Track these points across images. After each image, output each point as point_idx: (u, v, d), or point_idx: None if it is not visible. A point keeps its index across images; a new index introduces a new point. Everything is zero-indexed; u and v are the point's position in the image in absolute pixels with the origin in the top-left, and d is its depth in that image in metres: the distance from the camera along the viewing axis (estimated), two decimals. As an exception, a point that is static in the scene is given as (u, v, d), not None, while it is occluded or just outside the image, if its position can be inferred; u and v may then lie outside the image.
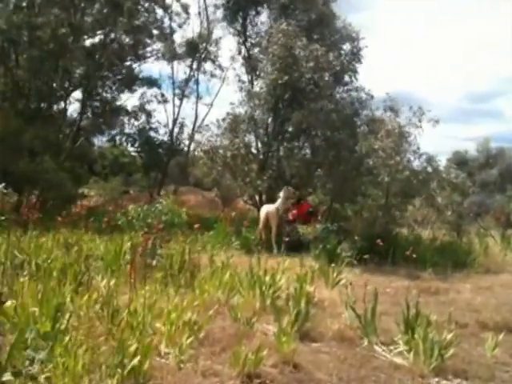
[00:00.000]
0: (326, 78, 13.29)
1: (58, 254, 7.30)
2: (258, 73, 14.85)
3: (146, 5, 20.27)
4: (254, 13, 16.12)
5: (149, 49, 20.90)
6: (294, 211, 13.57)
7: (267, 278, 6.39)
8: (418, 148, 13.30)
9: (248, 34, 16.32)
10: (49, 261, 6.74)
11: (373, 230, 12.54)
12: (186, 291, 6.49)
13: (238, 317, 5.51)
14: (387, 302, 7.90)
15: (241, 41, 16.43)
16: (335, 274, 8.16)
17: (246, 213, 17.45)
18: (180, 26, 20.46)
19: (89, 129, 19.44)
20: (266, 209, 12.80)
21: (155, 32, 20.34)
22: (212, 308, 5.86)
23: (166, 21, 20.49)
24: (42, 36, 15.74)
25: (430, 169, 13.93)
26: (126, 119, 18.36)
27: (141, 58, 20.67)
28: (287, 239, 11.37)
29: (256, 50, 15.85)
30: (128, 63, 19.71)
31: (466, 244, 13.89)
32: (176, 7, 20.68)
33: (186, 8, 20.39)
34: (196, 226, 9.16)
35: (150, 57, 21.00)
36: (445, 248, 12.51)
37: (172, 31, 20.53)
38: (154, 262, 7.21)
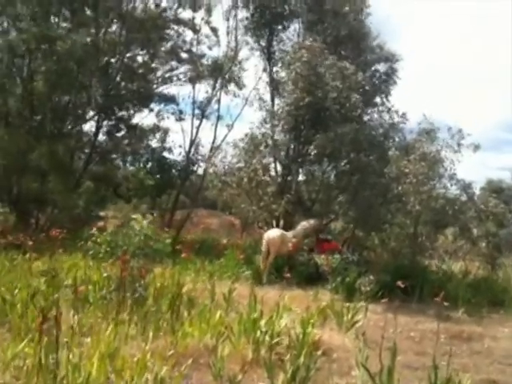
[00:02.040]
0: (354, 99, 12.30)
1: (32, 283, 6.44)
2: (280, 92, 13.89)
3: (176, 27, 19.89)
4: (280, 27, 15.18)
5: (175, 72, 20.39)
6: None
7: (263, 322, 5.32)
8: (455, 174, 12.14)
9: (273, 50, 15.39)
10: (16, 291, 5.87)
11: (398, 262, 11.37)
12: (167, 334, 5.49)
13: (220, 373, 4.47)
14: (411, 349, 6.75)
15: (265, 57, 15.56)
16: (350, 315, 7.00)
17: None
18: (210, 49, 19.90)
19: (108, 149, 18.84)
20: (268, 235, 11.74)
21: (184, 56, 19.93)
22: (194, 357, 4.87)
23: (194, 43, 20.05)
24: (60, 50, 15.28)
25: (464, 197, 12.77)
26: (137, 138, 17.61)
27: (167, 81, 20.20)
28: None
29: (280, 67, 14.91)
30: (145, 83, 19.06)
31: (502, 280, 12.50)
32: (206, 30, 20.14)
33: (215, 31, 19.85)
34: (184, 254, 8.12)
35: (177, 80, 20.47)
36: (479, 284, 11.18)
37: (201, 55, 19.96)
38: (136, 295, 6.22)
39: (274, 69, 15.37)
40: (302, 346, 5.19)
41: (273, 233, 11.80)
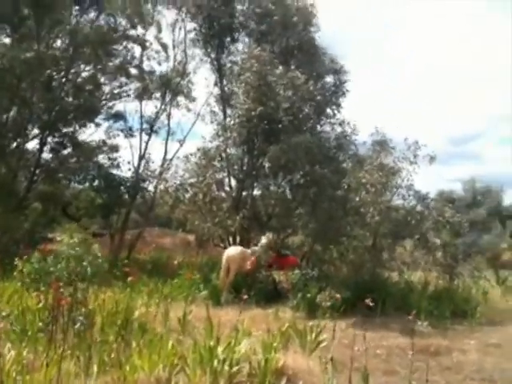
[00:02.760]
0: (307, 110, 12.04)
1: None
2: (231, 104, 13.47)
3: (125, 43, 19.23)
4: (229, 39, 14.84)
5: (124, 88, 19.66)
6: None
7: (220, 349, 4.78)
8: (412, 185, 12.04)
9: (223, 62, 15.01)
10: None
11: (359, 276, 11.07)
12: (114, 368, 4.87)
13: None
14: (379, 369, 6.38)
15: (215, 69, 15.16)
16: (314, 334, 6.55)
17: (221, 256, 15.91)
18: (159, 64, 19.32)
19: (53, 167, 17.82)
20: (227, 252, 11.24)
21: (133, 72, 19.28)
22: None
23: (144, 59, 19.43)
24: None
25: (420, 207, 12.70)
26: (84, 155, 16.69)
27: (116, 97, 19.45)
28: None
29: (230, 79, 14.51)
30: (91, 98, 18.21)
31: (461, 289, 12.41)
32: (155, 45, 19.56)
33: (165, 47, 19.34)
34: (130, 278, 7.48)
35: (127, 96, 19.73)
36: (440, 295, 11.03)
37: (151, 71, 19.33)
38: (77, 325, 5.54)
39: (225, 81, 15.01)
40: (265, 374, 4.71)
41: (233, 250, 11.29)
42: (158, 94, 18.07)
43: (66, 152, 17.36)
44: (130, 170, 16.95)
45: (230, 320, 7.98)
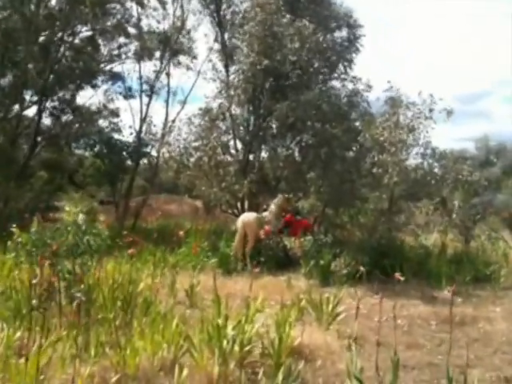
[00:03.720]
0: (316, 63, 11.25)
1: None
2: (234, 59, 12.64)
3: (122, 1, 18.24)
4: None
5: (123, 49, 18.80)
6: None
7: (229, 329, 4.29)
8: (429, 142, 11.34)
9: (223, 14, 14.11)
10: None
11: (374, 241, 10.54)
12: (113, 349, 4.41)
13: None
14: (402, 342, 5.89)
15: (215, 23, 14.27)
16: (330, 306, 6.07)
17: (229, 223, 15.42)
18: (158, 23, 18.38)
19: (54, 133, 17.19)
20: (243, 218, 10.73)
21: (132, 31, 18.39)
22: (146, 379, 3.85)
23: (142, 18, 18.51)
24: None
25: (438, 166, 12.03)
26: (85, 120, 16.04)
27: (115, 58, 18.63)
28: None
29: (232, 31, 13.61)
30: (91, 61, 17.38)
31: (481, 252, 11.88)
32: (154, 2, 18.58)
33: (163, 3, 18.34)
34: (133, 248, 6.94)
35: (126, 58, 18.90)
36: (461, 259, 10.50)
37: (150, 30, 18.41)
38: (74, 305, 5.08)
39: (227, 35, 14.11)
40: (279, 355, 4.24)
41: (249, 216, 10.71)
42: (157, 54, 17.22)
43: (66, 118, 16.71)
44: (131, 134, 16.34)
45: (241, 290, 7.56)
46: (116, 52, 18.50)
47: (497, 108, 63.54)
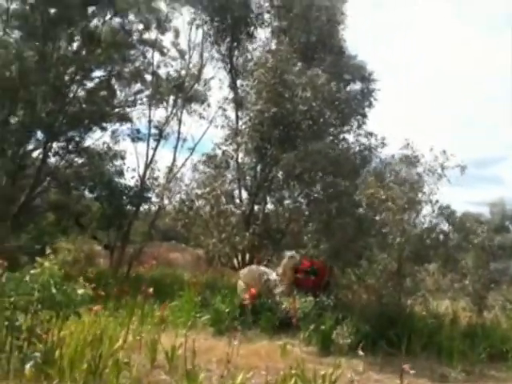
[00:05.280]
0: (328, 113, 10.84)
1: None
2: (243, 106, 12.29)
3: (141, 48, 18.36)
4: (244, 36, 13.62)
5: (139, 95, 18.76)
6: None
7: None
8: (437, 201, 10.72)
9: (236, 62, 13.84)
10: None
11: (381, 306, 9.74)
12: None
13: None
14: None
15: (227, 68, 14.06)
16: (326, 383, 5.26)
17: (226, 276, 14.66)
18: (177, 72, 18.42)
19: (64, 175, 16.83)
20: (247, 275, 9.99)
21: (148, 78, 18.42)
22: None
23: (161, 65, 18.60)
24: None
25: (446, 225, 11.33)
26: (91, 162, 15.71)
27: (130, 104, 18.55)
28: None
29: (243, 79, 13.30)
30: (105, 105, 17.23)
31: (496, 325, 10.97)
32: (173, 52, 18.68)
33: (183, 54, 18.47)
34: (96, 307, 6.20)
35: (141, 104, 18.81)
36: (475, 332, 9.60)
37: (168, 77, 18.43)
38: (27, 367, 4.36)
39: (239, 82, 13.84)
40: None
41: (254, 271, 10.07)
42: (170, 98, 17.05)
43: (71, 158, 16.42)
44: (132, 177, 15.97)
45: (231, 355, 6.79)
46: (132, 98, 18.46)
47: (510, 173, 62.71)
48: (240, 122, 12.60)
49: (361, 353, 6.98)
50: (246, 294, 9.30)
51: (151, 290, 6.73)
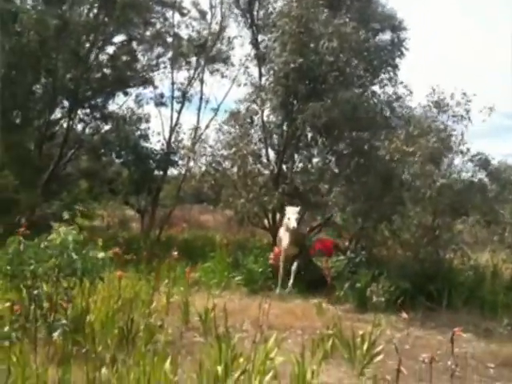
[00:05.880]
0: (356, 65, 10.28)
1: None
2: (266, 60, 11.77)
3: (161, 9, 17.85)
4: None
5: (162, 58, 18.38)
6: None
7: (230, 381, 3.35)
8: (468, 149, 10.19)
9: (257, 15, 13.25)
10: None
11: (418, 261, 9.41)
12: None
13: None
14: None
15: (247, 23, 13.50)
16: (366, 345, 5.03)
17: (258, 236, 14.54)
18: (199, 33, 17.92)
19: (86, 140, 16.77)
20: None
21: (170, 40, 18.00)
22: None
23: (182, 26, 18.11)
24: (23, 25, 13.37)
25: (482, 175, 10.79)
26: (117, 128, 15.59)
27: (154, 68, 18.21)
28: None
29: (265, 32, 12.71)
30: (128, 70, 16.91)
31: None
32: (193, 12, 18.11)
33: (204, 14, 17.92)
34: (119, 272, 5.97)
35: (164, 67, 18.45)
36: (518, 284, 9.25)
37: (190, 38, 17.96)
38: (55, 335, 4.26)
39: (260, 37, 13.23)
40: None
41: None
42: (192, 59, 16.63)
43: (96, 125, 16.32)
44: (158, 141, 15.81)
45: (266, 314, 6.64)
46: (154, 61, 18.08)
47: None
48: (263, 79, 12.10)
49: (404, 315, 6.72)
50: (271, 254, 9.12)
51: (176, 253, 6.44)
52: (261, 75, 12.35)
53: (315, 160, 11.91)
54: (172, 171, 16.47)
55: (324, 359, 4.73)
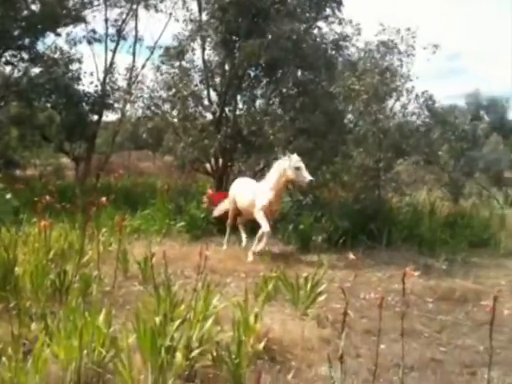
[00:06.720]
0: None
1: None
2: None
3: None
4: None
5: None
6: None
7: (171, 329, 3.16)
8: (413, 87, 10.17)
9: None
10: None
11: (359, 202, 9.47)
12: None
13: None
14: (395, 327, 4.80)
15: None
16: (309, 286, 4.97)
17: (203, 181, 14.19)
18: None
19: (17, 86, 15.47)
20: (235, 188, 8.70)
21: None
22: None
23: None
24: None
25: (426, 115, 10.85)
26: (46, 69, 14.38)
27: (87, 6, 16.78)
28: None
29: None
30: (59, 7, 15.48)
31: (475, 212, 10.92)
32: None
33: None
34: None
35: (97, 5, 17.00)
36: (455, 222, 9.53)
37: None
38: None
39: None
40: (239, 362, 3.17)
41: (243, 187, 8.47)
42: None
43: (33, 69, 15.09)
44: (91, 83, 14.85)
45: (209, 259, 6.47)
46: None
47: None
48: (203, 14, 11.40)
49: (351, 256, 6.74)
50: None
51: (106, 198, 6.06)
52: (201, 10, 11.65)
53: (259, 101, 11.58)
54: (109, 116, 15.57)
55: (267, 302, 4.64)
